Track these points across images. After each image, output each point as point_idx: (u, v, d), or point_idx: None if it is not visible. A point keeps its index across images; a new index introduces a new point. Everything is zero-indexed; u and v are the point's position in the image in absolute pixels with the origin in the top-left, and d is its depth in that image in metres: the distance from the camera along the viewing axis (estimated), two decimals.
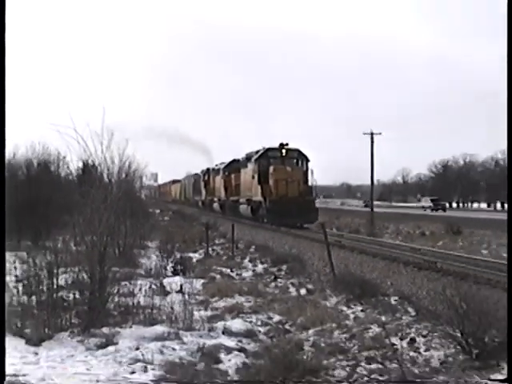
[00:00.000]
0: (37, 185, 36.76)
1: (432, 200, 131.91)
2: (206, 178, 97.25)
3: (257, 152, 64.03)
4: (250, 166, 65.51)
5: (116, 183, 28.74)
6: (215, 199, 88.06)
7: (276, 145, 65.77)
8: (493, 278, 21.44)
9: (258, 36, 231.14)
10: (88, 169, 29.00)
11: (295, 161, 61.08)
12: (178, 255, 31.14)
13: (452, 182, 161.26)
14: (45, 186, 36.85)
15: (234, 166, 76.76)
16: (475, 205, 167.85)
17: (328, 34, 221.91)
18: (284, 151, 60.06)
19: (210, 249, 36.09)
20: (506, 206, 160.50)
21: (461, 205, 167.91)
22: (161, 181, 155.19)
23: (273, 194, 58.55)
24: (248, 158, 67.62)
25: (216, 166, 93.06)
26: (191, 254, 33.59)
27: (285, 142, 60.76)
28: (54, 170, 42.79)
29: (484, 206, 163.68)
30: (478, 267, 25.06)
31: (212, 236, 40.60)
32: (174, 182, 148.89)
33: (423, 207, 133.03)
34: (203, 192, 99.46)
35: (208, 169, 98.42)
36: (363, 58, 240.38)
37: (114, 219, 19.83)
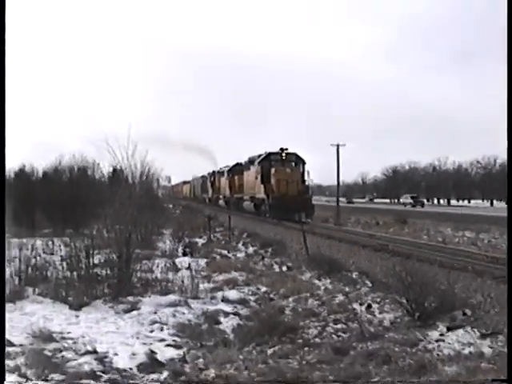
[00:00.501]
0: (77, 186, 36.93)
1: (412, 197, 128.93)
2: (213, 179, 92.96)
3: (259, 156, 59.36)
4: (253, 168, 60.06)
5: (138, 184, 28.88)
6: (220, 196, 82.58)
7: (273, 150, 59.86)
8: (431, 257, 21.48)
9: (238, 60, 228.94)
10: (116, 173, 29.13)
11: (293, 163, 56.17)
12: (187, 240, 31.28)
13: (400, 183, 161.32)
14: (83, 186, 37.01)
15: (238, 169, 72.31)
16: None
17: (304, 56, 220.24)
18: (284, 155, 55.74)
19: (211, 235, 36.01)
20: (441, 201, 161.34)
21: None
22: (174, 182, 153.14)
23: (274, 192, 53.41)
24: (251, 161, 62.63)
25: (221, 169, 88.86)
26: (197, 239, 33.59)
27: (284, 147, 56.21)
28: (90, 174, 43.07)
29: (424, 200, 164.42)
30: (420, 248, 25.10)
31: (213, 225, 40.49)
32: (185, 182, 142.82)
33: (403, 204, 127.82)
34: (210, 191, 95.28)
35: (214, 171, 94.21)
36: (335, 82, 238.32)
37: (136, 212, 19.88)
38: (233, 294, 17.59)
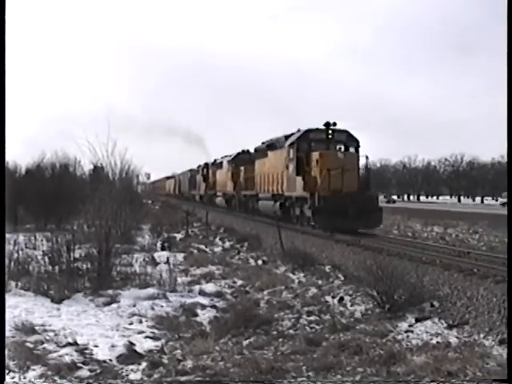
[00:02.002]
0: (59, 182, 36.75)
1: (384, 196, 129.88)
2: (205, 172, 73.86)
3: (289, 135, 37.11)
4: (278, 153, 38.51)
5: (118, 180, 28.85)
6: (219, 194, 63.91)
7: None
8: (400, 251, 21.53)
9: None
10: (97, 170, 29.07)
11: (344, 145, 35.01)
12: (165, 235, 31.27)
13: (371, 179, 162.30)
14: (65, 183, 36.87)
15: (244, 158, 53.15)
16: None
17: (272, 58, 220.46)
18: (331, 133, 34.36)
19: (189, 230, 35.97)
20: (411, 197, 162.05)
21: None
22: (154, 179, 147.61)
23: (324, 188, 31.58)
24: (270, 145, 41.76)
25: (216, 160, 70.39)
26: (175, 234, 33.52)
27: (331, 122, 34.05)
28: (71, 171, 43.01)
29: (394, 197, 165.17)
30: (390, 243, 25.17)
31: (191, 220, 40.48)
32: (168, 178, 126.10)
33: None
34: (202, 186, 75.58)
35: (207, 163, 75.24)
36: (307, 81, 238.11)
37: (116, 208, 19.87)
38: (210, 288, 17.60)
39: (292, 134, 36.68)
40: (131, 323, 13.65)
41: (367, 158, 34.10)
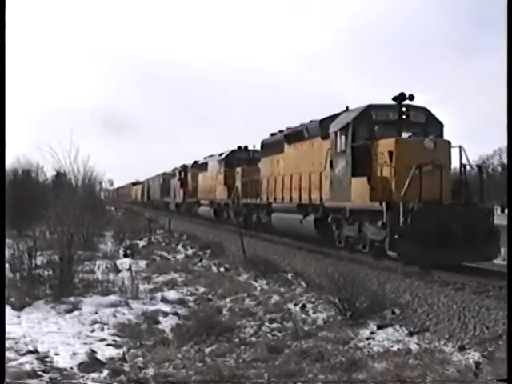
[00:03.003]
0: (21, 188, 36.41)
1: None
2: (183, 176, 62.24)
3: (326, 119, 25.91)
4: (308, 145, 27.87)
5: (81, 187, 28.72)
6: (203, 202, 51.88)
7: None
8: (363, 258, 21.61)
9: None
10: (60, 176, 28.90)
11: (422, 130, 22.58)
12: (128, 242, 31.10)
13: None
14: (27, 189, 36.55)
15: (241, 157, 43.89)
16: None
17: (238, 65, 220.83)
18: (405, 111, 22.44)
19: (152, 237, 35.83)
20: None
21: None
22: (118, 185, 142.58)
23: (412, 195, 19.46)
24: (290, 135, 30.38)
25: (196, 161, 58.92)
26: (138, 241, 33.33)
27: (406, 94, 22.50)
28: (34, 177, 42.69)
29: None
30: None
31: (154, 228, 40.33)
32: (135, 183, 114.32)
33: None
34: (179, 193, 63.57)
35: (185, 165, 63.25)
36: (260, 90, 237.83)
37: (79, 214, 19.76)
38: (172, 295, 17.52)
39: (335, 115, 25.12)
40: (93, 331, 13.52)
41: (462, 149, 20.85)
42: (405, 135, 22.26)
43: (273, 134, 34.69)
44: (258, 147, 38.89)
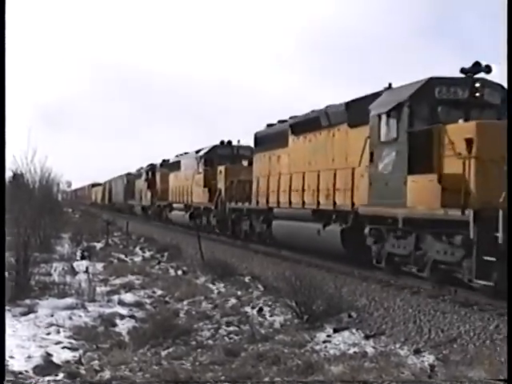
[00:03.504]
0: None
1: None
2: (151, 176, 56.90)
3: (353, 102, 20.68)
4: (334, 134, 21.66)
5: (38, 188, 28.47)
6: (176, 205, 46.08)
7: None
8: (318, 262, 21.68)
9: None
10: (16, 177, 28.61)
11: (497, 112, 16.84)
12: (85, 244, 30.91)
13: None
14: None
15: (224, 154, 38.13)
16: None
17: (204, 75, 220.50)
18: (479, 87, 16.91)
19: (109, 239, 35.62)
20: None
21: None
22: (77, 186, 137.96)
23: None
24: (305, 122, 24.45)
25: (166, 160, 53.57)
26: (95, 244, 33.08)
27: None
28: None
29: None
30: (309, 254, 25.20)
31: (111, 230, 40.08)
32: (94, 185, 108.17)
33: None
34: (146, 195, 57.69)
35: (152, 165, 57.93)
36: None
37: (35, 216, 19.58)
38: (129, 297, 17.42)
39: (369, 95, 20.01)
40: (49, 333, 13.38)
41: None
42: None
43: (270, 125, 29.34)
44: (242, 143, 37.61)
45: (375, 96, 19.27)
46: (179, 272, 23.05)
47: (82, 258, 26.42)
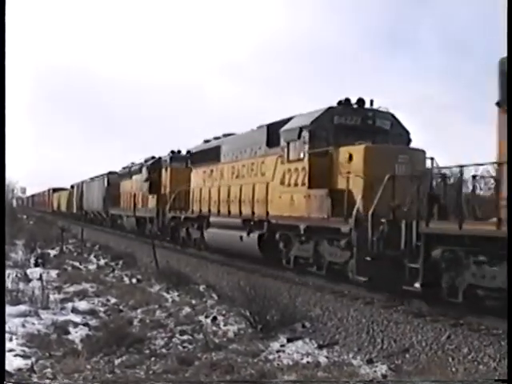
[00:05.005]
0: None
1: None
2: (154, 174, 39.05)
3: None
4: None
5: None
6: (217, 220, 27.01)
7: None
8: (273, 272, 21.66)
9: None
10: None
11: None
12: (39, 251, 30.58)
13: None
14: None
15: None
16: None
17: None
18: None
19: (64, 247, 35.32)
20: None
21: None
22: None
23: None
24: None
25: (178, 152, 38.07)
26: (49, 251, 32.80)
27: None
28: None
29: None
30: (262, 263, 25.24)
31: (66, 237, 39.77)
32: (56, 190, 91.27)
33: None
34: (147, 201, 40.21)
35: (157, 158, 40.14)
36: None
37: None
38: (83, 305, 17.31)
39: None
40: None
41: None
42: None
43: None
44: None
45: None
46: (134, 280, 22.95)
47: (36, 265, 26.16)
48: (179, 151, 37.64)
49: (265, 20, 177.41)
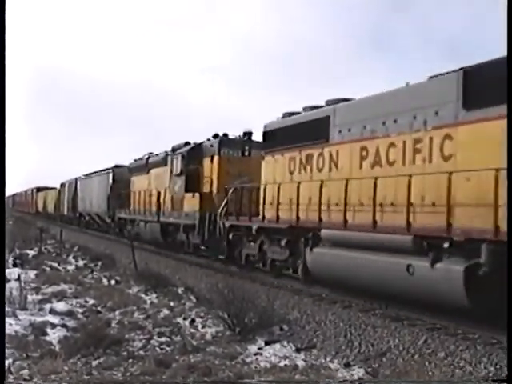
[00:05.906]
0: None
1: None
2: (195, 165, 28.43)
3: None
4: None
5: None
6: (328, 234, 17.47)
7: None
8: (253, 275, 21.66)
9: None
10: None
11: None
12: (18, 251, 30.44)
13: None
14: None
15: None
16: None
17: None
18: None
19: (43, 247, 35.15)
20: None
21: None
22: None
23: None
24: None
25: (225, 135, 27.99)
26: (28, 251, 32.65)
27: None
28: None
29: None
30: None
31: (45, 238, 39.57)
32: (41, 189, 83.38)
33: None
34: (184, 201, 28.66)
35: (200, 144, 29.05)
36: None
37: None
38: (61, 306, 17.23)
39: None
40: None
41: None
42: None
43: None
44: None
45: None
46: (112, 282, 22.88)
47: (14, 265, 26.03)
48: (225, 134, 28.15)
49: (245, 21, 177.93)
